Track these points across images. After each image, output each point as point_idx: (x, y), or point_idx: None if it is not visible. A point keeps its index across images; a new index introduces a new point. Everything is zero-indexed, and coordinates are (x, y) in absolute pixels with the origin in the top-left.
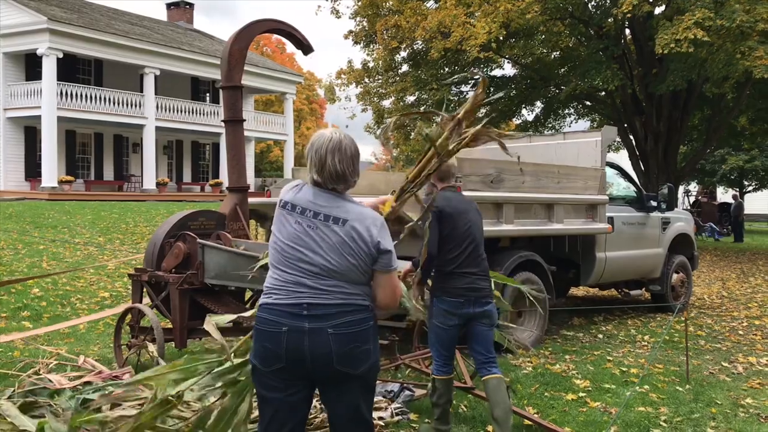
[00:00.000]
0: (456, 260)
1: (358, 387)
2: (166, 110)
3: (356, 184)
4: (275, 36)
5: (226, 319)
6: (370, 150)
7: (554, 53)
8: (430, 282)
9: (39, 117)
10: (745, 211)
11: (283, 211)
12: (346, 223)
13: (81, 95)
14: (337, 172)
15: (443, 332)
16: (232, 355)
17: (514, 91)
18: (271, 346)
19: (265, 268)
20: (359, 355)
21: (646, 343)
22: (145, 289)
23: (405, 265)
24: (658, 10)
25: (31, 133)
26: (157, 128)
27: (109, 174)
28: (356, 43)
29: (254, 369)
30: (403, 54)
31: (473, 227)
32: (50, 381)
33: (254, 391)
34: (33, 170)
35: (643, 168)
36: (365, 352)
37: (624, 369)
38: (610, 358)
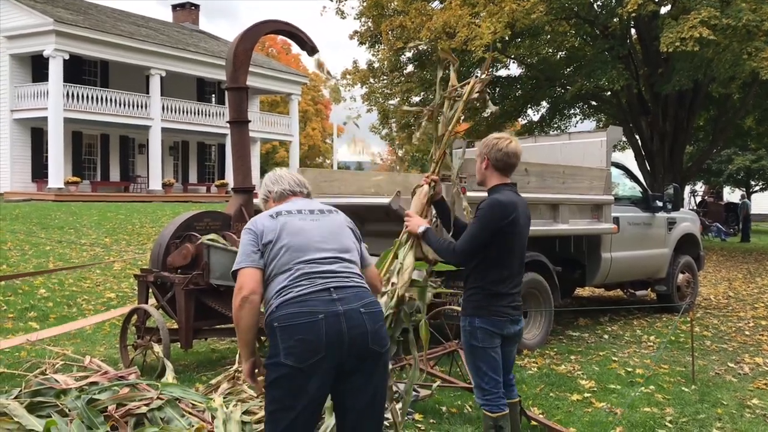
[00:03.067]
0: (510, 280)
1: (381, 368)
2: (171, 111)
3: (362, 185)
4: (280, 37)
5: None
6: (375, 151)
7: (560, 53)
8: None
9: (45, 118)
10: (753, 211)
11: (279, 217)
12: (339, 212)
13: (87, 96)
14: (297, 178)
15: (493, 353)
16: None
17: (519, 91)
18: (309, 337)
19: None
20: (384, 333)
21: (651, 344)
22: (150, 290)
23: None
24: (663, 10)
25: (37, 135)
26: (163, 129)
27: (115, 175)
28: (361, 43)
29: (282, 375)
30: (408, 54)
31: (526, 239)
32: (57, 381)
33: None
34: (39, 171)
35: (648, 168)
36: (386, 331)
37: (629, 369)
38: (616, 359)
